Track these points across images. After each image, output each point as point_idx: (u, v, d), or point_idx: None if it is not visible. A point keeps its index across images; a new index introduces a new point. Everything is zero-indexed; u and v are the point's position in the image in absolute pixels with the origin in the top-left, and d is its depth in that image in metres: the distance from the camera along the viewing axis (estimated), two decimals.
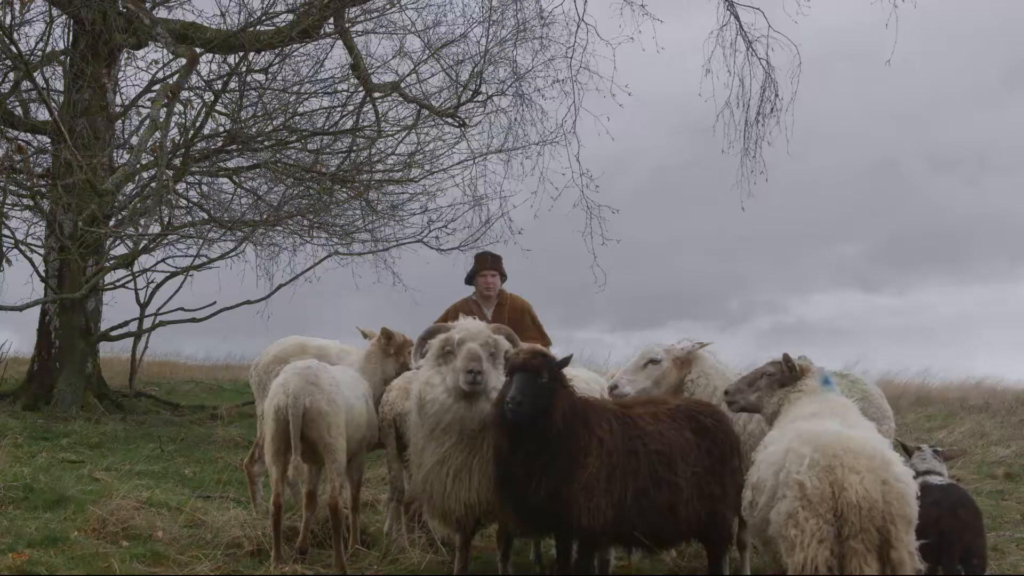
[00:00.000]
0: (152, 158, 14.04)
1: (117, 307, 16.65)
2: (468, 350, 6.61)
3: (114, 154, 15.60)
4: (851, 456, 5.06)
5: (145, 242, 14.60)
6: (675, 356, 7.63)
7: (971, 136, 33.53)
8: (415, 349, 7.18)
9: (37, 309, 15.21)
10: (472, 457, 6.69)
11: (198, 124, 14.70)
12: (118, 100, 16.04)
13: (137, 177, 14.81)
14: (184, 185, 16.54)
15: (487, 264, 10.18)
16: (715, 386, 7.46)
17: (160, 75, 15.82)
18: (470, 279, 10.22)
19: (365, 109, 16.36)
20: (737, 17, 16.03)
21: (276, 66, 16.11)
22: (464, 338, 6.71)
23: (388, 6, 16.34)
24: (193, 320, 15.67)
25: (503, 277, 10.22)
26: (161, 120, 13.27)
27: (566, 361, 6.47)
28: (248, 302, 16.13)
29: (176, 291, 16.21)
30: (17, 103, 15.32)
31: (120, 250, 15.73)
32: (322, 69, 16.79)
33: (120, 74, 16.16)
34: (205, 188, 17.63)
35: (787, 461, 5.20)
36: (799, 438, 5.28)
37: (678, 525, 6.41)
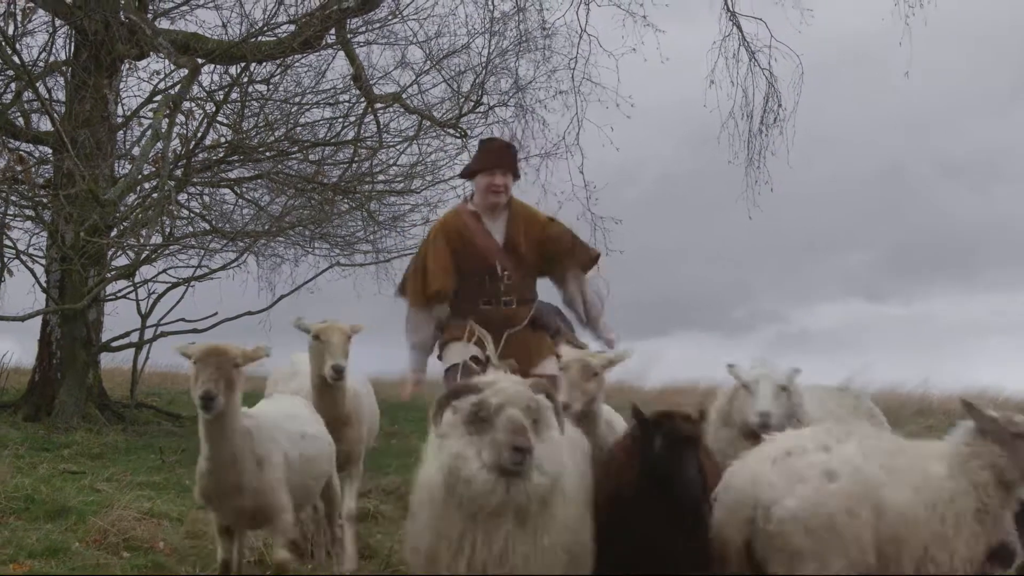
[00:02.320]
0: (154, 169, 14.05)
1: (118, 318, 16.58)
2: (510, 419, 5.12)
3: (116, 165, 15.61)
4: None
5: (147, 253, 14.60)
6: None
7: (980, 144, 33.50)
8: (434, 412, 5.42)
9: (38, 320, 15.20)
10: (536, 538, 5.25)
11: (200, 135, 14.70)
12: (120, 111, 16.06)
13: (139, 188, 14.81)
14: (186, 196, 16.56)
15: (495, 159, 7.40)
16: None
17: (162, 86, 15.85)
18: (470, 175, 7.60)
19: (367, 120, 16.36)
20: (739, 27, 16.10)
21: (278, 77, 16.14)
22: (503, 403, 5.20)
23: (390, 17, 16.38)
24: (195, 331, 15.63)
25: (516, 177, 7.55)
26: (163, 131, 13.28)
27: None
28: (249, 313, 16.13)
29: (177, 302, 16.20)
30: (19, 113, 15.33)
31: (122, 261, 15.72)
32: (324, 80, 16.83)
33: (122, 85, 16.17)
34: (207, 199, 17.64)
35: None
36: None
37: None
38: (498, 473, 5.09)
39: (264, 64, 15.50)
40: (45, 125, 15.31)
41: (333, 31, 15.50)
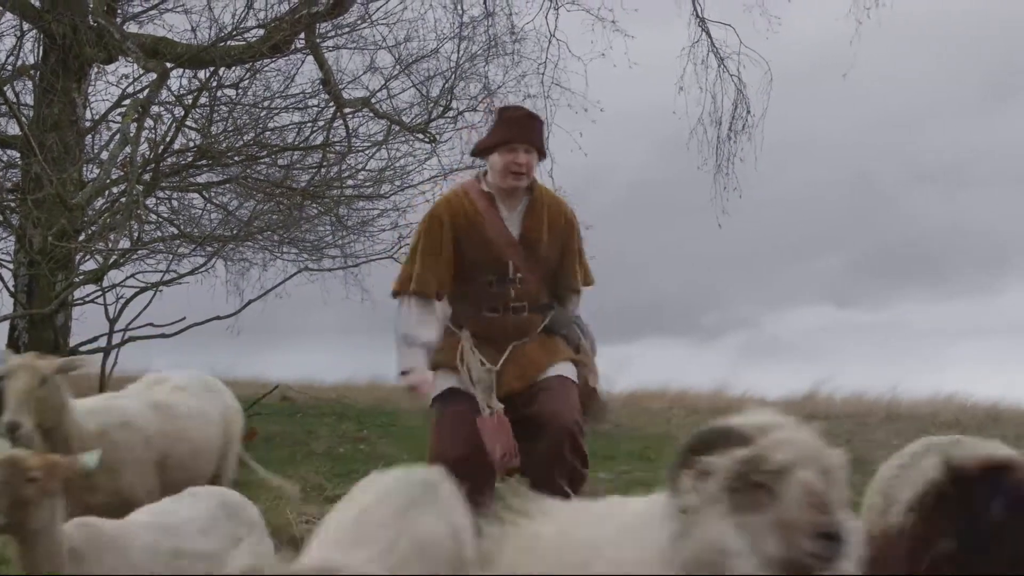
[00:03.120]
0: (122, 173, 13.98)
1: (86, 322, 16.42)
2: (807, 488, 3.17)
3: (84, 169, 15.51)
4: None
5: (115, 257, 14.52)
6: None
7: (949, 149, 33.72)
8: (672, 472, 3.41)
9: (6, 324, 15.09)
10: None
11: (168, 139, 14.64)
12: (88, 115, 15.98)
13: (107, 192, 14.73)
14: (154, 200, 16.47)
15: (518, 132, 5.90)
16: None
17: (130, 90, 15.75)
18: (483, 152, 6.07)
19: (336, 124, 16.35)
20: (708, 34, 16.20)
21: (247, 81, 16.09)
22: (793, 461, 3.21)
23: (359, 22, 16.37)
24: (163, 336, 15.50)
25: (541, 156, 6.13)
26: (131, 135, 13.23)
27: None
28: (218, 317, 16.00)
29: (145, 306, 16.03)
30: None
31: (90, 265, 15.62)
32: (293, 84, 16.78)
33: (90, 88, 16.08)
34: (175, 203, 17.55)
35: None
36: None
37: None
38: (789, 569, 3.17)
39: (233, 68, 15.45)
40: (13, 129, 15.21)
41: (302, 35, 15.48)
